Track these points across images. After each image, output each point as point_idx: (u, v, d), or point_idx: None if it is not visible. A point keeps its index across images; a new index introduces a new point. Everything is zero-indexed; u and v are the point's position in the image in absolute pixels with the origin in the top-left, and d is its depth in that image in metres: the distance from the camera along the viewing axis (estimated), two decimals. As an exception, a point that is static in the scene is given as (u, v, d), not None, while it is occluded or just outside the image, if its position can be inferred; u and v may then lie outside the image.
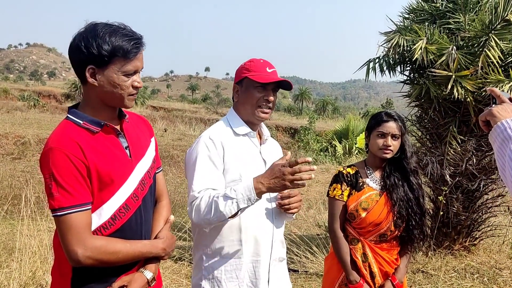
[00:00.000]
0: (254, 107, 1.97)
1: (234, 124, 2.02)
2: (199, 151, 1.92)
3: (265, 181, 1.74)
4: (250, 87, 1.98)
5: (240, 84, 2.03)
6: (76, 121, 1.51)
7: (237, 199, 1.75)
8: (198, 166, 1.90)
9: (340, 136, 18.50)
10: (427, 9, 5.18)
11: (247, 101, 1.99)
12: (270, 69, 2.00)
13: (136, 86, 1.55)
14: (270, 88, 1.98)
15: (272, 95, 1.99)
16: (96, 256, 1.43)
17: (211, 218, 1.78)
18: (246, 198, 1.75)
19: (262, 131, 2.11)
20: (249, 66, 2.01)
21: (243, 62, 2.06)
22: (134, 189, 1.57)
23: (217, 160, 1.91)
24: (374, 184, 2.36)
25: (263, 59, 2.04)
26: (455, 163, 4.90)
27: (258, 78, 1.95)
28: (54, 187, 1.40)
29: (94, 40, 1.44)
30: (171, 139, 17.18)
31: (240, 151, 1.96)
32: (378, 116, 2.36)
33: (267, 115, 2.00)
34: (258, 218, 1.95)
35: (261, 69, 1.98)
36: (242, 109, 2.02)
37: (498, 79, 4.40)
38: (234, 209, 1.75)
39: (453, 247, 5.08)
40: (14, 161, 11.78)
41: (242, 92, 2.01)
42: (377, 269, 2.30)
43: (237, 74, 2.05)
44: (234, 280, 1.93)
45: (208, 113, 39.21)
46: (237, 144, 1.97)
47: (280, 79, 1.97)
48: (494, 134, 1.41)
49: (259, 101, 1.96)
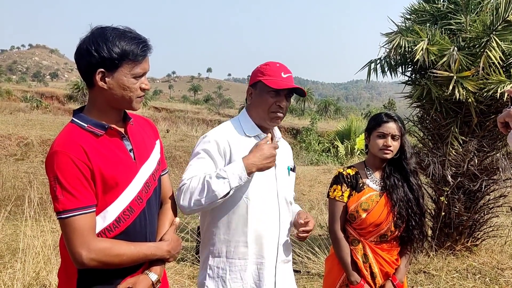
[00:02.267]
0: (266, 112, 1.98)
1: (245, 125, 2.03)
2: (200, 147, 1.94)
3: (256, 162, 1.83)
4: (263, 91, 1.98)
5: (254, 87, 2.03)
6: (81, 124, 1.53)
7: (228, 178, 1.78)
8: (195, 160, 1.91)
9: (342, 137, 18.49)
10: (428, 10, 5.19)
11: (259, 105, 2.00)
12: (286, 74, 1.99)
13: (144, 88, 1.58)
14: (283, 94, 1.98)
15: (285, 101, 1.99)
16: (101, 258, 1.45)
17: (203, 199, 1.77)
18: (237, 176, 1.79)
19: (274, 133, 2.12)
20: (265, 69, 2.00)
21: (259, 65, 2.06)
22: (138, 191, 1.59)
23: (217, 158, 1.91)
24: (374, 185, 2.37)
25: (280, 63, 2.04)
26: (456, 164, 4.91)
27: (272, 83, 1.94)
28: (59, 190, 1.42)
29: (104, 44, 1.46)
30: (173, 140, 17.21)
31: (248, 151, 1.95)
32: (378, 117, 2.37)
33: (279, 120, 2.01)
34: (265, 220, 1.97)
35: (276, 73, 1.98)
36: (254, 112, 2.03)
37: (500, 79, 4.41)
38: (226, 189, 1.77)
39: (455, 248, 5.09)
40: (17, 162, 11.82)
41: (256, 95, 2.02)
42: (378, 270, 2.31)
43: (252, 76, 2.05)
44: (239, 281, 1.95)
45: (210, 114, 39.24)
46: (246, 144, 1.97)
47: (294, 86, 1.97)
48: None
49: (272, 106, 1.97)
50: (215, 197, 1.77)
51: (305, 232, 2.02)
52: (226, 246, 1.95)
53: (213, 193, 1.76)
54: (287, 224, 2.07)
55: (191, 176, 1.85)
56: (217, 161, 1.90)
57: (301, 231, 2.02)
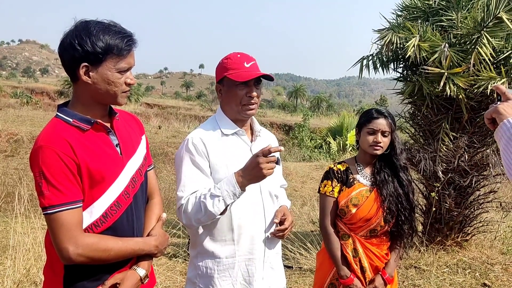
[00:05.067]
0: (238, 105, 1.94)
1: (222, 124, 2.00)
2: (184, 156, 1.93)
3: (244, 174, 1.79)
4: (231, 86, 1.94)
5: (221, 83, 1.99)
6: (66, 119, 1.51)
7: (222, 196, 1.78)
8: (183, 171, 1.91)
9: (334, 133, 18.54)
10: (420, 7, 5.20)
11: (231, 100, 1.96)
12: (249, 63, 1.94)
13: (129, 83, 1.56)
14: (251, 83, 1.93)
15: (255, 90, 1.94)
16: (88, 253, 1.43)
17: (202, 218, 1.82)
18: (231, 193, 1.79)
19: (254, 126, 2.09)
20: (227, 63, 1.95)
21: (221, 59, 2.00)
22: (125, 186, 1.57)
23: (201, 162, 1.91)
24: (365, 180, 2.38)
25: (241, 53, 1.99)
26: (447, 160, 4.94)
27: (237, 76, 1.90)
28: (44, 185, 1.40)
29: (88, 38, 1.44)
30: (165, 136, 17.14)
31: (227, 150, 1.95)
32: (368, 113, 2.38)
33: (253, 110, 1.97)
34: (250, 217, 1.96)
35: (239, 65, 1.93)
36: (228, 108, 2.00)
37: (490, 76, 4.44)
38: (222, 206, 1.79)
39: (445, 243, 5.13)
40: (7, 159, 11.71)
41: (225, 92, 1.98)
42: (368, 264, 2.33)
43: (217, 73, 2.01)
44: (227, 278, 1.95)
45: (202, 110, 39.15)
46: (224, 144, 1.96)
47: (259, 74, 1.92)
48: (500, 132, 1.38)
49: (243, 99, 1.93)
50: (213, 215, 1.80)
51: (280, 231, 2.01)
52: (213, 245, 1.94)
53: (210, 212, 1.79)
54: (273, 219, 2.05)
55: (185, 195, 1.87)
56: (202, 167, 1.90)
57: (276, 231, 2.01)
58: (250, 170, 1.78)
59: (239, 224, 1.93)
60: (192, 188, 1.88)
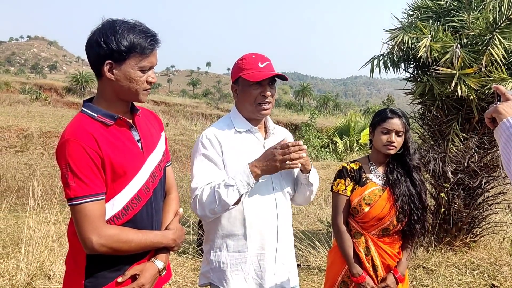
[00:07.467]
0: (253, 105, 2.00)
1: (236, 122, 2.06)
2: (198, 150, 1.99)
3: (259, 164, 1.85)
4: (245, 86, 1.99)
5: (236, 83, 2.05)
6: (90, 114, 1.56)
7: (236, 186, 1.82)
8: (198, 165, 1.96)
9: (341, 133, 18.52)
10: (431, 7, 5.20)
11: (245, 100, 2.01)
12: (263, 63, 1.99)
13: (150, 82, 1.61)
14: (265, 83, 1.98)
15: (269, 90, 1.99)
16: (110, 244, 1.48)
17: (216, 208, 1.85)
18: (245, 183, 1.83)
19: (268, 124, 2.13)
20: (242, 64, 2.01)
21: (236, 60, 2.06)
22: (145, 181, 1.62)
23: (215, 156, 1.96)
24: (377, 179, 2.39)
25: (255, 54, 2.04)
26: (457, 160, 4.94)
27: (251, 76, 1.95)
28: (70, 177, 1.45)
29: (113, 36, 1.49)
30: (172, 133, 17.22)
31: (240, 146, 2.00)
32: (382, 113, 2.39)
33: (268, 110, 2.02)
34: (262, 212, 1.99)
35: (253, 65, 1.98)
36: (242, 107, 2.05)
37: (502, 77, 4.43)
38: (236, 196, 1.83)
39: (453, 243, 5.13)
40: (17, 154, 11.84)
41: (240, 91, 2.04)
42: (380, 262, 2.34)
43: (233, 74, 2.07)
44: (240, 272, 1.98)
45: (209, 108, 39.22)
46: (238, 140, 2.01)
47: (273, 74, 1.97)
48: (499, 131, 1.44)
49: (257, 98, 1.99)
50: (227, 205, 1.84)
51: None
52: (226, 241, 1.98)
53: (224, 201, 1.83)
54: (286, 215, 2.09)
55: (200, 186, 1.91)
56: (215, 161, 1.96)
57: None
58: (265, 161, 1.84)
59: (252, 219, 1.97)
60: (207, 180, 1.92)
